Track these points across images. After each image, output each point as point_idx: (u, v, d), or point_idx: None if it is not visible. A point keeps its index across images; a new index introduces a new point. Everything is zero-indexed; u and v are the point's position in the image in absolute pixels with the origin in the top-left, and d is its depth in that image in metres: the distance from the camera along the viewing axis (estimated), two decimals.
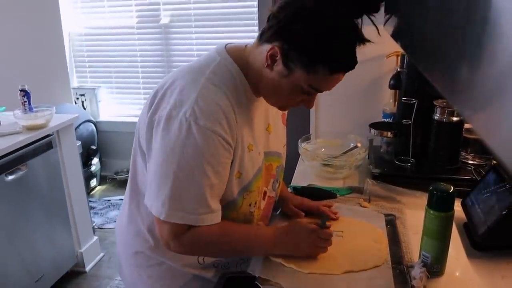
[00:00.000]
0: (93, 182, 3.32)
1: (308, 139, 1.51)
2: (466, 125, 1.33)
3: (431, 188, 0.90)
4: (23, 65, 2.77)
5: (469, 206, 1.10)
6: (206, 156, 0.82)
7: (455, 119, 1.30)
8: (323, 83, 0.83)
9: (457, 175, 1.32)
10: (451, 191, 0.88)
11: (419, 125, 1.36)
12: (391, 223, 1.12)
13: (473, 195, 1.10)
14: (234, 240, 0.94)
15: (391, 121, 1.56)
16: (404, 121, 1.37)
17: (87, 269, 2.34)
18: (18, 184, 1.86)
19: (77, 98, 3.45)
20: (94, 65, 3.49)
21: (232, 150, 0.86)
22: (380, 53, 1.57)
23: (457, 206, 1.00)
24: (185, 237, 0.86)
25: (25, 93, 1.99)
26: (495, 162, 1.27)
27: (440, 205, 0.89)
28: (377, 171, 1.37)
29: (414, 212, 1.15)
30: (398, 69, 1.49)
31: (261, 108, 0.95)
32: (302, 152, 1.44)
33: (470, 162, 1.39)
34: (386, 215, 1.16)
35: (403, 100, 1.38)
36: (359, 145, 1.46)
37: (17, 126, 1.93)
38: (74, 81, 3.52)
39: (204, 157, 0.81)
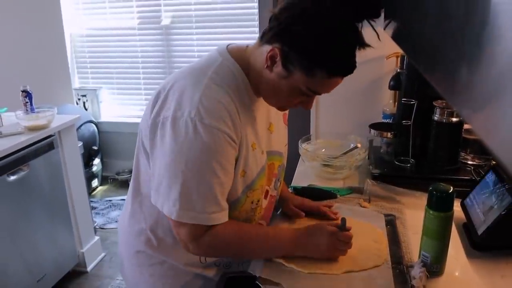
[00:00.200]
0: (95, 183, 3.33)
1: (308, 139, 1.52)
2: (466, 126, 1.33)
3: (430, 188, 0.90)
4: (25, 66, 2.78)
5: (468, 206, 1.10)
6: (214, 154, 0.82)
7: (454, 119, 1.30)
8: (321, 86, 0.84)
9: (456, 175, 1.33)
10: (450, 192, 0.88)
11: (419, 125, 1.37)
12: (391, 223, 1.13)
13: (473, 195, 1.11)
14: (253, 240, 0.94)
15: (391, 121, 1.56)
16: (404, 121, 1.37)
17: (89, 269, 2.34)
18: (20, 184, 1.86)
19: (79, 99, 3.45)
20: (95, 66, 3.49)
21: (237, 148, 0.87)
22: (380, 54, 1.58)
23: (457, 206, 1.00)
24: (204, 239, 0.87)
25: (27, 94, 2.00)
26: (494, 162, 1.27)
27: (439, 205, 0.89)
28: (377, 171, 1.38)
29: (413, 212, 1.15)
30: (398, 70, 1.49)
31: (262, 108, 0.96)
32: (302, 152, 1.44)
33: (469, 162, 1.39)
34: (386, 215, 1.16)
35: (403, 101, 1.38)
36: (359, 145, 1.46)
37: (19, 127, 1.94)
38: (76, 82, 3.53)
39: (212, 155, 0.82)
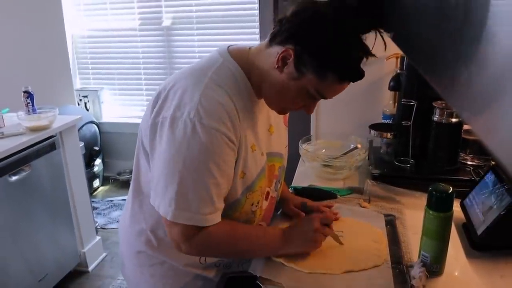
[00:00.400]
0: (96, 183, 3.33)
1: (308, 140, 1.52)
2: (465, 126, 1.34)
3: (430, 188, 0.90)
4: (27, 67, 2.79)
5: (468, 207, 1.10)
6: (212, 155, 0.82)
7: (454, 120, 1.30)
8: (330, 90, 0.85)
9: (456, 175, 1.33)
10: (450, 192, 0.89)
11: (419, 126, 1.37)
12: (390, 223, 1.13)
13: (472, 195, 1.11)
14: (244, 239, 0.94)
15: (390, 122, 1.57)
16: (403, 122, 1.38)
17: (90, 268, 2.35)
18: (21, 184, 1.87)
19: (80, 100, 3.46)
20: (97, 67, 3.50)
21: (236, 149, 0.87)
22: (380, 55, 1.58)
23: (456, 206, 1.00)
24: (196, 239, 0.87)
25: (29, 94, 2.00)
26: (493, 163, 1.27)
27: (439, 205, 0.89)
28: (377, 171, 1.38)
29: (413, 213, 1.15)
30: (398, 71, 1.50)
31: (263, 110, 0.96)
32: (302, 153, 1.45)
33: (469, 163, 1.40)
34: (386, 215, 1.17)
35: (403, 101, 1.39)
36: (359, 146, 1.46)
37: (21, 127, 1.94)
38: (77, 83, 3.54)
39: (209, 156, 0.82)
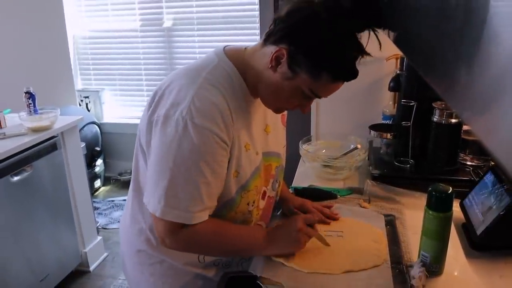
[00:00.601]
0: (97, 183, 3.34)
1: (308, 140, 1.53)
2: (465, 127, 1.34)
3: (430, 189, 0.91)
4: (28, 68, 2.80)
5: (467, 207, 1.11)
6: (202, 154, 0.82)
7: (453, 121, 1.30)
8: (324, 89, 0.85)
9: (455, 176, 1.33)
10: (449, 192, 0.89)
11: (418, 126, 1.37)
12: (390, 223, 1.13)
13: (472, 195, 1.11)
14: (229, 238, 0.94)
15: (390, 122, 1.57)
16: (403, 122, 1.38)
17: (91, 268, 2.36)
18: (23, 185, 1.87)
19: (81, 100, 3.48)
20: (98, 68, 3.52)
21: (229, 149, 0.87)
22: (380, 55, 1.58)
23: (456, 206, 1.00)
24: (181, 235, 0.87)
25: (30, 95, 2.01)
26: (493, 163, 1.27)
27: (439, 205, 0.89)
28: (376, 172, 1.38)
29: (413, 213, 1.15)
30: (398, 71, 1.50)
31: (259, 109, 0.96)
32: (303, 153, 1.45)
33: (468, 163, 1.40)
34: (386, 215, 1.17)
35: (403, 102, 1.39)
36: (359, 146, 1.47)
37: (22, 128, 1.95)
38: (79, 84, 3.55)
39: (200, 155, 0.82)
